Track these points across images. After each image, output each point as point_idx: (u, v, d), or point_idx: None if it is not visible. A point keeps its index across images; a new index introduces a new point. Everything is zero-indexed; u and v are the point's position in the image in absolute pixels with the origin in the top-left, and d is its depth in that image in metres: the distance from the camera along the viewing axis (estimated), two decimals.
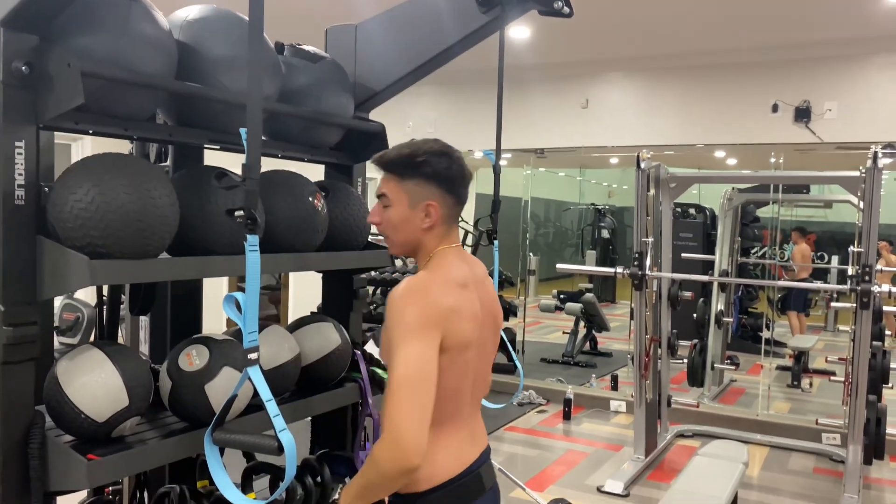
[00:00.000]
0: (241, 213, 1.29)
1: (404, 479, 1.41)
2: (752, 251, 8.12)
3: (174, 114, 1.75)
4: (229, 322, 1.44)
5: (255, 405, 1.60)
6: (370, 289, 6.70)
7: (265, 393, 1.30)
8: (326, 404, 2.01)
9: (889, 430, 4.43)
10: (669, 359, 5.07)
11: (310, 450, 2.27)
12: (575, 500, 3.84)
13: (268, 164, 1.90)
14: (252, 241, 1.29)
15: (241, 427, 1.61)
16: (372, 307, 6.16)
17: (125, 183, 1.35)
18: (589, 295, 7.94)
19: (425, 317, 1.44)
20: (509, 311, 6.83)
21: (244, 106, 1.34)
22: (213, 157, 1.91)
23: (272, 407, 1.30)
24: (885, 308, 4.47)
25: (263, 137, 2.00)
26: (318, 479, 1.98)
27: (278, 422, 1.28)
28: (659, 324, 4.82)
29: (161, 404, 1.62)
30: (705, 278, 5.67)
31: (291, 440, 1.27)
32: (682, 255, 6.73)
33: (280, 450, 1.27)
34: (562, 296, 8.20)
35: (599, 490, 4.25)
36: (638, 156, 4.44)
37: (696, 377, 5.84)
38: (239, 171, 1.40)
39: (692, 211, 9.03)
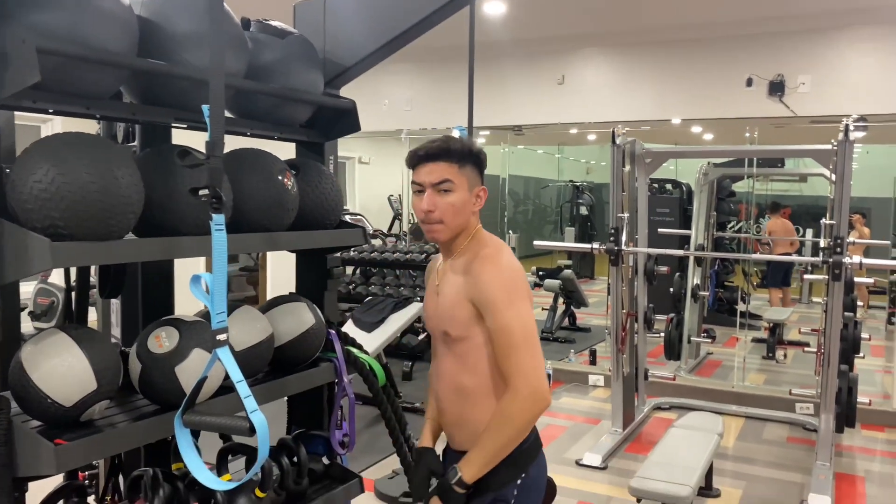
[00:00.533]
0: (206, 191, 1.27)
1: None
2: (729, 225, 8.20)
3: (138, 92, 1.71)
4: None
5: (228, 387, 1.58)
6: (350, 269, 6.69)
7: (235, 374, 1.28)
8: (301, 384, 2.00)
9: (860, 398, 4.53)
10: (646, 333, 5.12)
11: (286, 430, 2.26)
12: (554, 474, 3.87)
13: (237, 143, 1.88)
14: (218, 220, 1.27)
15: (214, 409, 1.60)
16: (351, 287, 6.15)
17: (86, 162, 1.32)
18: (567, 271, 7.98)
19: (520, 281, 1.71)
20: None
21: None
22: (184, 137, 1.88)
23: (243, 388, 1.28)
24: (856, 279, 4.54)
25: (230, 115, 1.97)
26: (295, 458, 1.98)
27: (249, 403, 1.27)
28: (635, 298, 4.86)
29: (132, 387, 1.60)
30: (681, 253, 5.71)
31: (263, 421, 1.26)
32: (659, 230, 6.78)
33: (252, 431, 1.26)
34: (541, 272, 8.24)
35: (578, 463, 4.31)
36: (613, 131, 4.44)
37: (672, 350, 5.92)
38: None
39: (669, 186, 9.08)
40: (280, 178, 1.84)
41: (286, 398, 2.28)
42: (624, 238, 4.47)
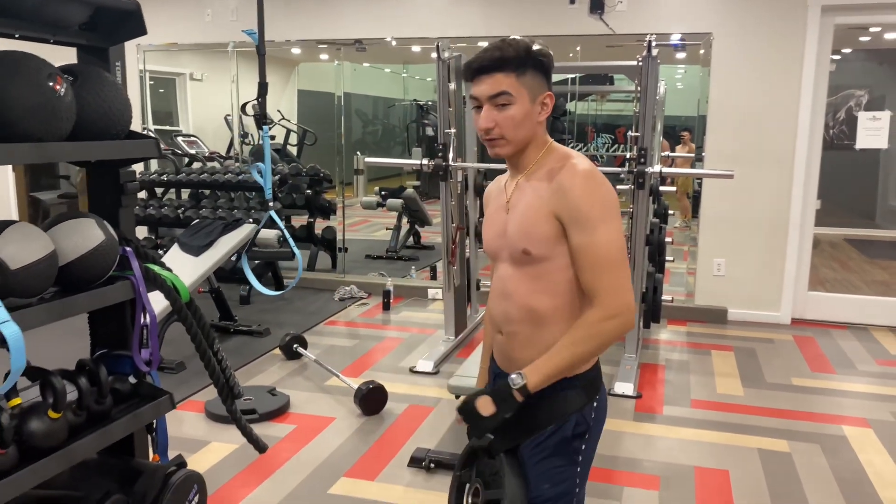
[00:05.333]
0: None
1: None
2: (568, 144, 8.59)
3: None
4: None
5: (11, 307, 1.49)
6: (184, 192, 6.38)
7: None
8: (92, 303, 1.93)
9: (664, 297, 5.02)
10: (478, 246, 5.33)
11: (90, 351, 2.20)
12: (388, 381, 4.04)
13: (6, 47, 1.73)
14: None
15: None
16: (181, 211, 5.88)
17: None
18: (409, 190, 8.07)
19: (615, 197, 1.57)
20: (329, 209, 6.82)
21: None
22: None
23: None
24: (662, 188, 4.94)
25: None
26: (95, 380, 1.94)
27: None
28: (466, 213, 5.03)
29: None
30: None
31: (16, 332, 1.22)
32: None
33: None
34: (384, 192, 8.28)
35: (412, 370, 4.49)
36: (437, 45, 4.46)
37: None
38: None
39: None
40: (49, 83, 1.72)
41: (88, 320, 2.21)
42: (451, 154, 4.57)
